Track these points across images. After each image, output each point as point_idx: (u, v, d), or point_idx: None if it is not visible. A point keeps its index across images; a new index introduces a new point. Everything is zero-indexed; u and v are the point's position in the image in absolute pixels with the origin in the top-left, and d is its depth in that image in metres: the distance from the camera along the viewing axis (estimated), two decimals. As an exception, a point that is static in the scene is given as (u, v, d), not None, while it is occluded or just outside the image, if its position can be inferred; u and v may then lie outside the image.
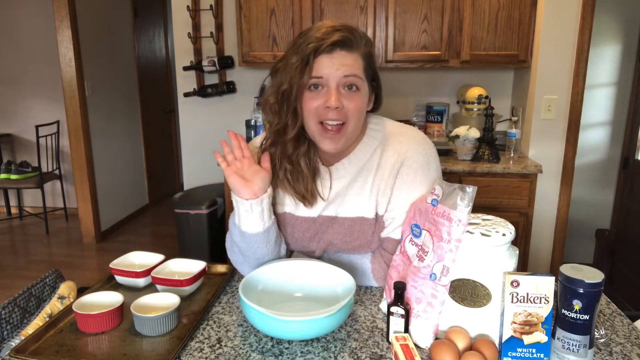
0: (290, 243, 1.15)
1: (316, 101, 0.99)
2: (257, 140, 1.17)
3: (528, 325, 0.79)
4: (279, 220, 1.13)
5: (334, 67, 0.97)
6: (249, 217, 1.02)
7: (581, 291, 0.75)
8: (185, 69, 3.07)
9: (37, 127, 3.98)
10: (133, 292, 1.07)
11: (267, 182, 1.02)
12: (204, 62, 3.00)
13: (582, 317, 0.76)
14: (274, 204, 1.11)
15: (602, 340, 0.88)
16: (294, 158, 1.07)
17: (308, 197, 1.09)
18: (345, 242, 1.11)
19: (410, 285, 0.90)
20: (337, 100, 0.97)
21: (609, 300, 1.05)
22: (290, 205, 1.13)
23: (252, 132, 2.86)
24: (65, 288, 1.06)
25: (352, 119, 1.01)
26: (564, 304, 0.78)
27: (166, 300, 0.96)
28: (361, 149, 1.10)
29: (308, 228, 1.13)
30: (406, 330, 0.87)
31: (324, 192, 1.11)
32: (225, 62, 3.01)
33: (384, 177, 1.08)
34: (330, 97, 0.97)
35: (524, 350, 0.80)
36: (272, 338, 0.90)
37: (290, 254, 1.17)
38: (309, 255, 1.16)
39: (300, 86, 0.99)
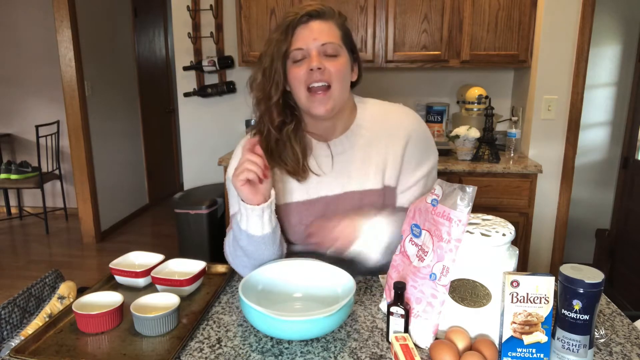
0: (297, 235, 1.15)
1: (300, 69, 1.05)
2: (243, 143, 1.19)
3: (528, 325, 0.79)
4: (286, 212, 1.13)
5: (311, 36, 1.05)
6: (260, 220, 1.02)
7: (581, 291, 0.75)
8: (185, 69, 3.07)
9: (37, 127, 3.97)
10: (133, 292, 1.08)
11: (271, 184, 1.03)
12: (204, 62, 3.00)
13: (582, 317, 0.76)
14: (279, 198, 1.13)
15: (602, 340, 0.88)
16: (284, 134, 1.11)
17: (299, 171, 1.12)
18: (359, 214, 1.09)
19: (410, 285, 0.90)
20: (319, 61, 1.04)
21: (609, 300, 1.05)
22: (293, 194, 1.14)
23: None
24: (65, 288, 1.06)
25: (335, 81, 1.06)
26: (564, 304, 0.78)
27: (166, 300, 0.96)
28: (358, 123, 1.16)
29: (315, 209, 1.13)
30: (406, 330, 0.87)
31: (325, 168, 1.14)
32: (225, 62, 3.01)
33: (389, 149, 1.13)
34: (312, 60, 1.04)
35: (524, 350, 0.80)
36: (272, 338, 0.90)
37: (288, 255, 1.17)
38: (317, 251, 1.13)
39: (280, 55, 1.05)
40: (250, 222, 1.02)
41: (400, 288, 0.87)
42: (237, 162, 1.10)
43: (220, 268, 1.20)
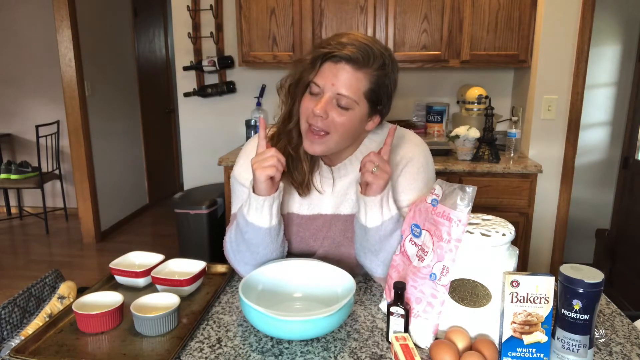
0: (294, 242, 1.17)
1: (310, 104, 1.03)
2: (250, 145, 1.19)
3: (528, 325, 0.79)
4: (287, 221, 1.16)
5: (332, 80, 1.00)
6: (269, 211, 1.03)
7: (581, 291, 0.75)
8: (185, 69, 3.07)
9: (37, 127, 3.97)
10: (133, 292, 1.08)
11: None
12: (204, 62, 3.00)
13: (582, 317, 0.76)
14: (283, 206, 1.14)
15: (602, 340, 0.88)
16: (296, 148, 1.10)
17: (303, 187, 1.12)
18: (346, 238, 1.14)
19: (410, 285, 0.90)
20: (323, 110, 1.00)
21: (609, 300, 1.05)
22: (295, 205, 1.16)
23: (252, 132, 2.86)
24: (65, 288, 1.06)
25: (335, 133, 1.03)
26: (564, 304, 0.78)
27: (166, 300, 0.96)
28: (362, 150, 1.14)
29: (312, 226, 1.16)
30: (406, 330, 0.87)
31: (326, 189, 1.15)
32: (225, 62, 3.01)
33: None
34: (317, 105, 1.00)
35: (524, 350, 0.80)
36: (272, 338, 0.90)
37: (287, 255, 1.17)
38: (311, 254, 1.16)
39: (304, 83, 1.04)
40: (260, 213, 1.03)
41: (400, 288, 0.87)
42: (245, 161, 1.14)
43: (220, 268, 1.20)
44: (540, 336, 0.79)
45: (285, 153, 1.08)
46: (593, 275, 0.76)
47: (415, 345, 0.86)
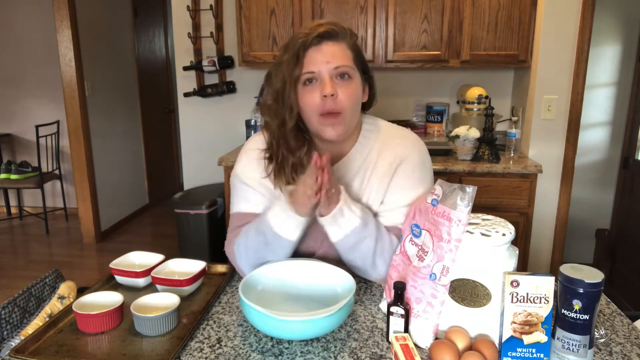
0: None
1: (312, 94, 1.03)
2: (250, 143, 1.18)
3: (528, 325, 0.79)
4: None
5: (324, 59, 1.01)
6: (298, 227, 1.03)
7: (581, 291, 0.75)
8: (185, 69, 3.07)
9: (37, 127, 3.97)
10: (133, 292, 1.08)
11: None
12: (204, 62, 3.00)
13: (582, 317, 0.76)
14: None
15: (602, 340, 0.88)
16: (297, 157, 1.09)
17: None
18: None
19: (410, 285, 0.90)
20: (332, 87, 1.01)
21: (609, 300, 1.05)
22: None
23: (252, 132, 2.86)
24: (65, 288, 1.06)
25: (347, 108, 1.05)
26: (564, 304, 0.78)
27: (166, 300, 0.96)
28: (358, 149, 1.14)
29: (312, 226, 1.14)
30: (406, 330, 0.87)
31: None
32: (225, 62, 3.01)
33: (378, 175, 1.12)
34: (325, 86, 1.01)
35: (524, 350, 0.80)
36: (272, 338, 0.90)
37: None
38: (311, 254, 1.16)
39: (292, 79, 1.03)
40: (295, 229, 1.03)
41: (400, 288, 0.87)
42: (247, 160, 1.14)
43: (220, 268, 1.20)
44: (540, 336, 0.79)
45: (286, 165, 1.08)
46: (593, 275, 0.76)
47: (415, 345, 0.86)
